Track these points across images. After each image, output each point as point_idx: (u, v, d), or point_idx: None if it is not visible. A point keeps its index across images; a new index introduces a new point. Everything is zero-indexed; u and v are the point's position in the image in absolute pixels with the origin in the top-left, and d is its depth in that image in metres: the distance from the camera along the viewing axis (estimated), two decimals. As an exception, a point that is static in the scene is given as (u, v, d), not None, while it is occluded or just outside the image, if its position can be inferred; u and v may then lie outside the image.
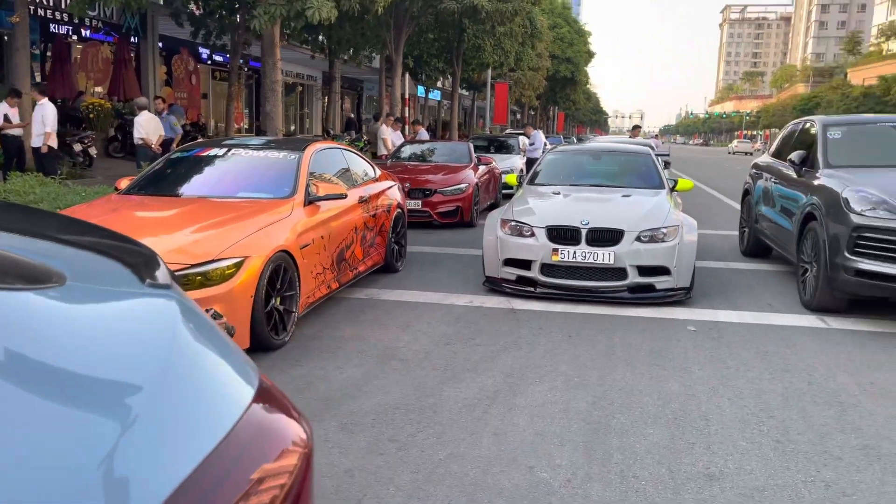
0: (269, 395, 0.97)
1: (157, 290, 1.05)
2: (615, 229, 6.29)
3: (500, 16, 20.49)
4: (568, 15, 49.28)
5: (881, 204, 5.54)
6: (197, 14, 16.89)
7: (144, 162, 10.81)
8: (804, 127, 7.93)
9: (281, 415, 0.94)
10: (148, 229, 4.88)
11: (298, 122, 33.33)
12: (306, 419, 1.01)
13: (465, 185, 11.36)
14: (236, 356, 1.03)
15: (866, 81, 74.43)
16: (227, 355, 1.00)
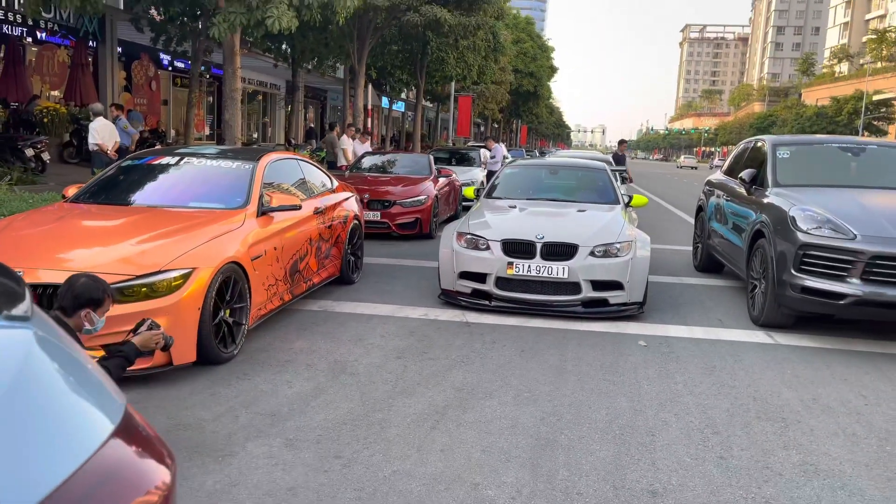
0: (132, 432, 0.90)
1: (10, 322, 0.98)
2: (569, 244, 6.34)
3: (463, 29, 20.64)
4: (531, 30, 49.85)
5: (826, 223, 5.68)
6: (157, 20, 16.69)
7: (99, 168, 10.58)
8: (755, 146, 8.11)
9: (141, 454, 0.88)
10: (94, 239, 4.76)
11: (261, 131, 33.02)
12: (172, 455, 0.96)
13: (425, 197, 11.36)
14: (99, 390, 0.96)
15: (819, 101, 76.72)
16: (86, 390, 0.93)
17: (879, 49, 74.13)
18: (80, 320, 3.15)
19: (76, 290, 3.12)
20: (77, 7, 10.13)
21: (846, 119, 61.72)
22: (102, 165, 10.69)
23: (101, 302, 3.19)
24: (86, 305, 3.14)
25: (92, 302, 3.15)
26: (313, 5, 10.64)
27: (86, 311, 3.15)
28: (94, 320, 3.18)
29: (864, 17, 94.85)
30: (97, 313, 3.19)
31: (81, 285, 3.16)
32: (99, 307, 3.19)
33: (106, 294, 3.22)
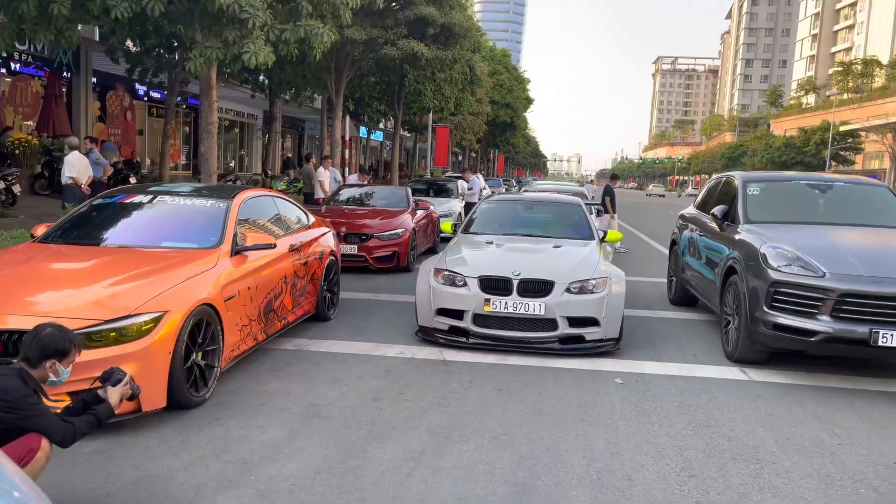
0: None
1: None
2: (546, 280, 6.36)
3: (440, 63, 20.87)
4: (507, 62, 50.56)
5: (796, 260, 5.77)
6: (133, 51, 16.64)
7: (71, 203, 10.45)
8: (726, 181, 8.25)
9: None
10: (62, 281, 4.67)
11: (238, 161, 32.90)
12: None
13: (402, 230, 11.36)
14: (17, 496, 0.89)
15: (787, 132, 78.52)
16: None
17: (845, 81, 76.28)
18: (45, 371, 3.07)
19: (41, 341, 3.05)
20: (51, 40, 10.08)
21: (814, 149, 63.14)
22: (75, 200, 10.56)
23: (66, 353, 3.11)
24: (51, 356, 3.06)
25: (58, 353, 3.08)
26: (290, 41, 10.69)
27: (51, 362, 3.07)
28: (59, 371, 3.10)
29: (829, 51, 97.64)
30: (63, 364, 3.11)
31: (47, 335, 3.09)
32: (65, 358, 3.11)
33: (72, 344, 3.14)
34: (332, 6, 11.21)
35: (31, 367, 3.04)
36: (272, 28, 10.54)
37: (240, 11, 9.80)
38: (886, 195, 7.32)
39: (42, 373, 3.05)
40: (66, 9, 9.57)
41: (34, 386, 3.01)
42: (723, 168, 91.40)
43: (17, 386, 2.90)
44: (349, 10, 11.61)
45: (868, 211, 7.12)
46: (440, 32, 20.29)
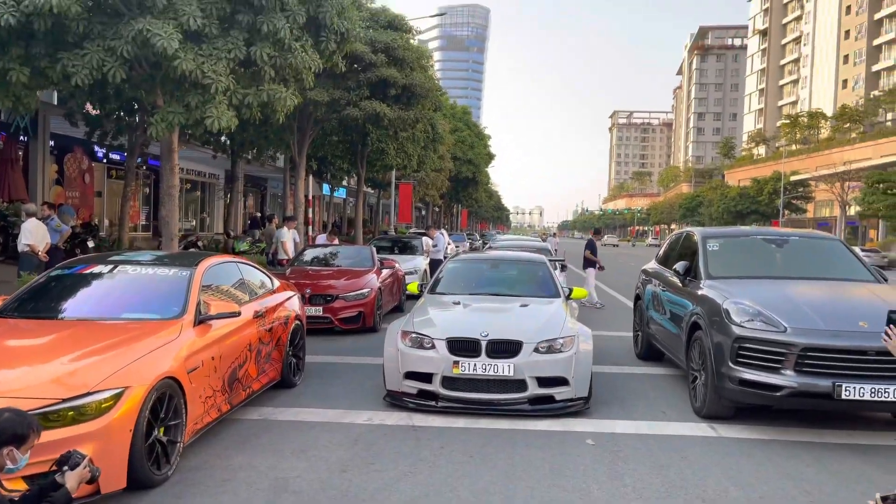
0: None
1: None
2: (514, 340, 6.36)
3: (402, 123, 21.16)
4: (468, 119, 51.54)
5: (757, 315, 5.88)
6: (93, 114, 16.55)
7: (27, 271, 10.18)
8: (686, 237, 8.44)
9: None
10: (18, 358, 4.50)
11: (199, 222, 32.59)
12: None
13: (368, 290, 11.30)
14: None
15: (741, 182, 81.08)
16: None
17: (793, 133, 79.38)
18: (2, 458, 2.94)
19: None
20: (9, 107, 9.98)
21: (767, 198, 65.17)
22: (31, 268, 10.30)
23: (25, 438, 2.99)
24: (9, 443, 2.94)
25: (16, 439, 2.95)
26: (253, 104, 10.76)
27: (8, 448, 2.94)
28: (16, 458, 2.97)
29: (776, 104, 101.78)
30: (20, 451, 2.98)
31: (5, 420, 2.97)
32: (23, 444, 2.99)
33: (31, 429, 3.02)
34: (295, 70, 11.35)
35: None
36: (235, 92, 10.61)
37: (202, 77, 9.85)
38: (840, 248, 7.56)
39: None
40: (24, 76, 9.52)
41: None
42: (681, 218, 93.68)
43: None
44: (312, 73, 11.75)
45: (824, 264, 7.32)
46: (402, 93, 20.65)
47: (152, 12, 9.52)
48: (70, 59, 9.43)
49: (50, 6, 8.74)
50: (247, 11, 10.49)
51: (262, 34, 10.48)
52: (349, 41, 12.59)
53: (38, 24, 9.10)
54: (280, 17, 10.53)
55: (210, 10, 10.03)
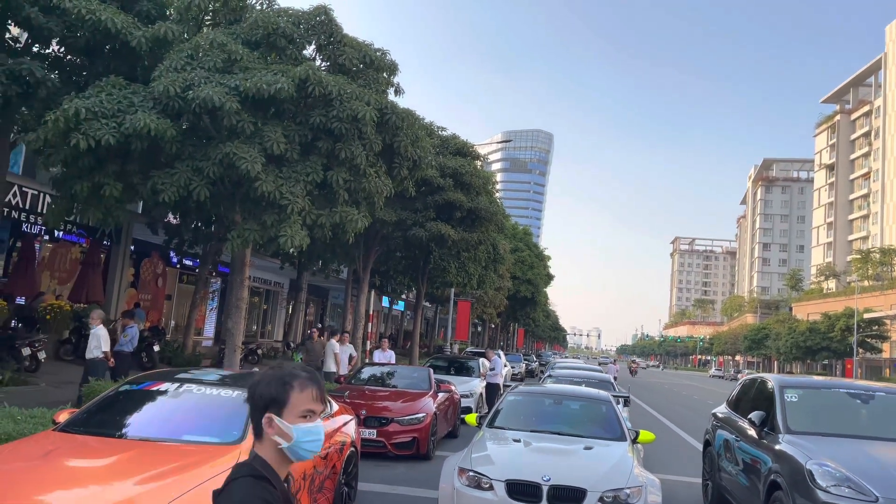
0: None
1: None
2: (578, 488, 6.04)
3: (465, 244, 21.51)
4: (529, 240, 52.06)
5: (845, 481, 5.44)
6: (173, 224, 17.44)
7: (95, 378, 10.30)
8: (761, 383, 8.04)
9: None
10: (77, 480, 4.50)
11: (260, 328, 33.17)
12: None
13: (424, 414, 11.06)
14: None
15: (809, 316, 78.32)
16: None
17: (865, 268, 77.03)
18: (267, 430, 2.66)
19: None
20: (99, 219, 10.58)
21: (839, 335, 62.51)
22: (102, 374, 10.48)
23: (284, 402, 2.69)
24: (266, 408, 2.63)
25: (274, 402, 2.59)
26: (325, 225, 11.13)
27: (268, 415, 2.65)
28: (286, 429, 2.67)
29: (846, 238, 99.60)
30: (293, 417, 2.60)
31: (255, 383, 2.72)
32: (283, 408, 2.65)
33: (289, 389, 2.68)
34: (368, 194, 11.77)
35: None
36: (309, 213, 11.02)
37: (280, 198, 10.30)
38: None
39: None
40: (117, 191, 10.14)
41: None
42: (746, 350, 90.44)
43: None
44: (383, 197, 12.17)
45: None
46: (467, 215, 21.11)
47: (240, 137, 10.13)
48: (160, 178, 10.05)
49: (149, 129, 9.41)
50: (326, 139, 11.07)
51: (340, 160, 10.99)
52: (421, 168, 13.07)
53: (135, 144, 9.78)
54: (357, 144, 11.06)
55: (293, 136, 10.64)
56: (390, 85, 12.85)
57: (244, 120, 10.17)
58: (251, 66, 10.53)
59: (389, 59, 12.59)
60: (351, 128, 10.88)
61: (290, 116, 11.19)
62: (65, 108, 9.35)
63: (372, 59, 12.13)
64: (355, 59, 11.88)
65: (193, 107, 9.79)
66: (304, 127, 11.03)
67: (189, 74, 10.00)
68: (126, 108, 9.74)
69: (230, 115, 9.92)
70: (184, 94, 9.82)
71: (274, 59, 11.43)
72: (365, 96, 11.09)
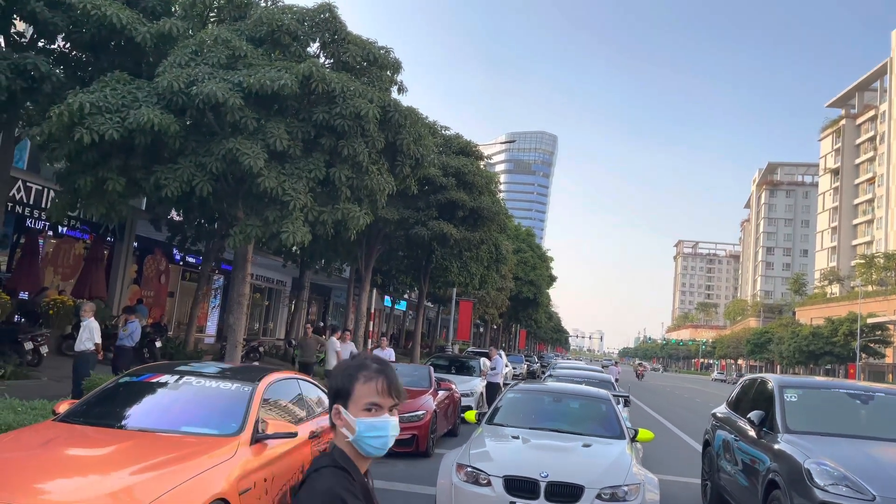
0: None
1: None
2: (575, 485, 6.04)
3: (467, 243, 21.52)
4: (532, 241, 52.05)
5: (843, 480, 5.43)
6: (176, 221, 17.48)
7: (85, 374, 10.28)
8: (760, 383, 8.03)
9: None
10: (76, 469, 4.52)
11: (262, 327, 33.21)
12: None
13: (423, 412, 11.08)
14: None
15: (813, 320, 78.12)
16: None
17: (869, 273, 76.85)
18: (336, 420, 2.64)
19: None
20: (103, 214, 10.61)
21: (842, 340, 62.35)
22: (91, 367, 10.46)
23: (349, 394, 2.68)
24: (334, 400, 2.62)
25: (340, 395, 2.59)
26: (327, 222, 11.15)
27: (335, 407, 2.65)
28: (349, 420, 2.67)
29: (850, 243, 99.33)
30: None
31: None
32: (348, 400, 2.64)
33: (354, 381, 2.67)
34: (370, 191, 11.79)
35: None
36: (311, 210, 11.04)
37: (282, 194, 10.33)
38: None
39: None
40: (120, 186, 10.18)
41: None
42: (749, 353, 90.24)
43: None
44: (385, 194, 12.19)
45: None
46: (469, 215, 21.12)
47: (243, 133, 10.16)
48: (163, 173, 10.08)
49: (152, 124, 9.44)
50: (329, 136, 11.09)
51: (342, 157, 11.01)
52: (423, 166, 13.10)
53: (139, 139, 9.81)
54: (360, 142, 11.08)
55: (296, 133, 10.66)
56: (394, 83, 12.88)
57: (247, 116, 10.20)
58: (255, 63, 10.56)
59: (393, 57, 12.62)
60: (354, 125, 10.90)
61: (294, 113, 11.22)
62: (69, 102, 9.39)
63: (375, 56, 12.16)
64: (359, 56, 11.91)
65: (197, 102, 9.82)
66: (307, 124, 11.06)
67: (193, 70, 10.04)
68: (130, 103, 9.78)
69: (233, 110, 9.95)
70: (188, 90, 9.85)
71: (278, 55, 11.47)
72: (368, 94, 11.11)
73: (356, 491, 1.88)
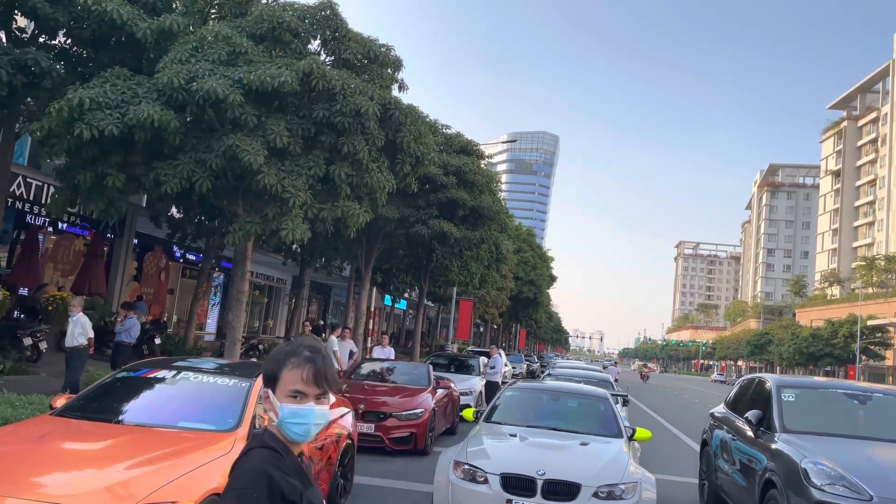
0: None
1: None
2: (572, 482, 6.04)
3: (468, 242, 21.51)
4: (532, 241, 52.03)
5: (840, 480, 5.43)
6: (176, 218, 17.47)
7: (78, 370, 10.29)
8: (758, 382, 8.03)
9: None
10: (72, 463, 4.52)
11: (262, 325, 33.22)
12: None
13: (422, 410, 11.08)
14: None
15: (813, 322, 78.10)
16: None
17: (869, 275, 76.80)
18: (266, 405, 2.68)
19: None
20: (102, 210, 10.62)
21: (842, 342, 62.33)
22: (83, 363, 10.46)
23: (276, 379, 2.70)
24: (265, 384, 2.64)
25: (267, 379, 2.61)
26: (327, 219, 11.15)
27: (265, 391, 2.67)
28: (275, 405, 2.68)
29: (851, 245, 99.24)
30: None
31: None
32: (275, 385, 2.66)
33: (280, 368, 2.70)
34: (370, 189, 11.79)
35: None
36: (311, 207, 11.03)
37: (282, 191, 10.32)
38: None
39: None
40: (120, 182, 10.18)
41: None
42: (749, 355, 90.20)
43: None
44: (385, 192, 12.19)
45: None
46: (469, 214, 21.12)
47: (243, 130, 10.16)
48: (163, 169, 10.08)
49: (152, 120, 9.44)
50: (329, 133, 11.08)
51: (343, 154, 11.01)
52: (423, 164, 13.09)
53: (138, 135, 9.81)
54: (360, 139, 11.07)
55: (296, 130, 10.66)
56: (394, 81, 12.88)
57: (247, 113, 10.20)
58: (255, 60, 10.56)
59: (394, 55, 12.61)
60: (354, 122, 10.90)
61: (294, 110, 11.22)
62: (69, 97, 9.39)
63: (376, 54, 12.16)
64: (360, 54, 11.90)
65: (197, 98, 9.81)
66: (307, 121, 11.06)
67: (193, 66, 10.03)
68: (130, 99, 9.77)
69: (233, 107, 9.95)
70: (188, 86, 9.85)
71: (278, 52, 11.47)
72: (368, 91, 11.11)
73: (287, 469, 1.91)
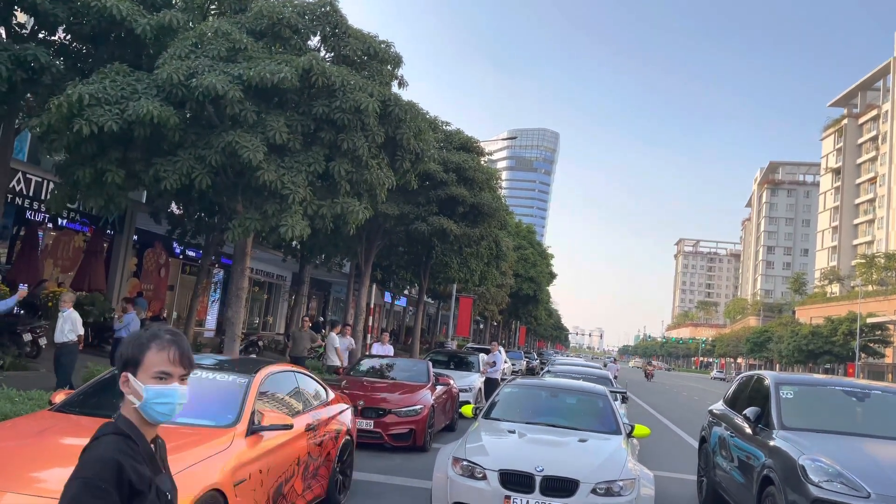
0: None
1: None
2: (570, 479, 6.05)
3: (467, 239, 21.51)
4: (532, 238, 52.03)
5: (837, 477, 5.44)
6: (176, 214, 17.46)
7: (64, 370, 10.27)
8: (757, 379, 8.04)
9: None
10: (73, 458, 4.50)
11: (262, 321, 33.23)
12: None
13: (421, 406, 11.09)
14: None
15: (812, 320, 78.14)
16: None
17: (869, 273, 76.84)
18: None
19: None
20: (101, 206, 10.61)
21: (842, 339, 62.37)
22: (73, 360, 10.44)
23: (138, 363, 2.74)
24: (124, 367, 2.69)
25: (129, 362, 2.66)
26: (326, 216, 11.14)
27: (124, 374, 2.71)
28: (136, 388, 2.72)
29: (851, 242, 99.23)
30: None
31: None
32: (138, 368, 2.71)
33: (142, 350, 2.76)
34: (369, 186, 11.78)
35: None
36: (310, 203, 11.03)
37: (281, 187, 10.32)
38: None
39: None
40: (119, 178, 10.17)
41: None
42: (748, 352, 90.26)
43: None
44: (385, 189, 12.18)
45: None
46: (469, 211, 21.11)
47: (243, 126, 10.15)
48: (162, 165, 10.07)
49: (151, 116, 9.43)
50: (329, 129, 11.08)
51: (342, 151, 11.00)
52: (423, 161, 13.08)
53: (138, 131, 9.80)
54: (360, 136, 11.06)
55: (296, 126, 10.65)
56: (394, 77, 12.87)
57: (247, 109, 10.19)
58: (255, 56, 10.54)
59: (394, 52, 12.59)
60: (354, 119, 10.89)
61: (293, 106, 11.21)
62: (68, 93, 9.38)
63: (376, 50, 12.14)
64: (359, 50, 11.89)
65: (197, 95, 9.80)
66: (306, 117, 11.05)
67: (193, 62, 10.02)
68: (129, 95, 9.76)
69: (233, 103, 9.94)
70: (187, 82, 9.84)
71: (278, 48, 11.45)
72: (368, 87, 11.10)
73: (138, 456, 1.96)
